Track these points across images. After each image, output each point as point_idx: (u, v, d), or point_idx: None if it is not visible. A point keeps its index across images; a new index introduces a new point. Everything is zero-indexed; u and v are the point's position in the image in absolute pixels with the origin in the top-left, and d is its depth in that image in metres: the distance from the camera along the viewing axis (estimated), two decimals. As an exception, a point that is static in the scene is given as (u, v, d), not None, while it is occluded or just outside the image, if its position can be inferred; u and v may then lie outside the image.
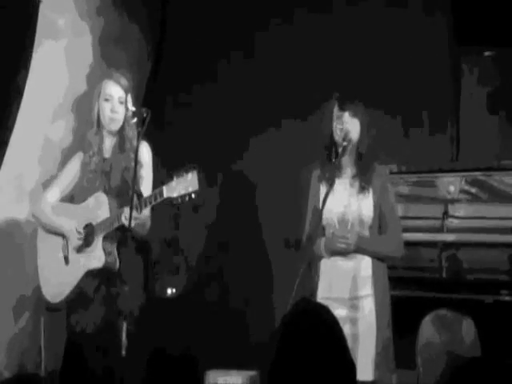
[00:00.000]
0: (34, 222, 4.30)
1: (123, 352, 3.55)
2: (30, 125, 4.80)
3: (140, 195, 3.81)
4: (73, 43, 5.08)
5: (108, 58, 5.28)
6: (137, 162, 3.83)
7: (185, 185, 3.69)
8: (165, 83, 5.85)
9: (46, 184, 4.42)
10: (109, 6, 5.33)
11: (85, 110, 5.02)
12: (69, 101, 5.08)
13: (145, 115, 3.84)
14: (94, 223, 4.00)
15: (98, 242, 3.97)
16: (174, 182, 3.71)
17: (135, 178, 3.84)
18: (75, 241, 4.04)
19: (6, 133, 4.68)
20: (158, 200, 3.77)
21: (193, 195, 3.71)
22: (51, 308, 4.25)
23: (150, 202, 3.80)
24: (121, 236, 3.90)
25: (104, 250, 3.94)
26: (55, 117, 5.01)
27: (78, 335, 3.97)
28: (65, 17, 5.01)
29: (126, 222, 3.79)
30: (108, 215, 3.94)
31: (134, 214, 3.78)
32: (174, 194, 3.71)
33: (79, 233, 4.03)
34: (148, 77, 5.74)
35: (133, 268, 3.99)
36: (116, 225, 3.87)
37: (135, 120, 3.92)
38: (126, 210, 3.79)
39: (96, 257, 3.95)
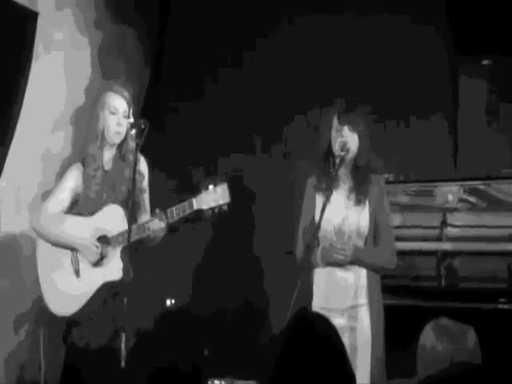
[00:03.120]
0: (33, 234, 4.26)
1: (122, 365, 3.53)
2: (29, 137, 4.79)
3: (163, 207, 3.83)
4: (71, 56, 5.09)
5: (106, 69, 5.30)
6: (135, 172, 3.84)
7: (215, 197, 3.73)
8: (163, 91, 5.86)
9: (45, 196, 4.40)
10: (106, 18, 5.36)
11: (84, 122, 5.05)
12: (68, 113, 5.09)
13: (143, 127, 3.85)
14: (108, 235, 3.97)
15: (116, 253, 3.93)
16: (204, 194, 3.74)
17: (134, 188, 3.84)
18: (91, 254, 3.98)
19: (5, 145, 4.68)
20: (187, 212, 3.79)
21: (223, 208, 3.73)
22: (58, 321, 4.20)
23: (178, 214, 3.81)
24: (134, 248, 3.86)
25: (122, 261, 3.90)
26: (54, 129, 5.01)
27: (80, 350, 3.95)
28: (63, 30, 5.02)
29: (154, 234, 3.84)
30: (125, 227, 3.89)
31: (162, 225, 3.82)
32: (204, 206, 3.74)
33: (96, 246, 3.97)
34: (147, 86, 5.76)
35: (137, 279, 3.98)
36: (139, 236, 3.85)
37: (134, 131, 3.94)
38: (153, 222, 3.82)
39: (115, 269, 3.90)
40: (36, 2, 4.76)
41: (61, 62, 5.02)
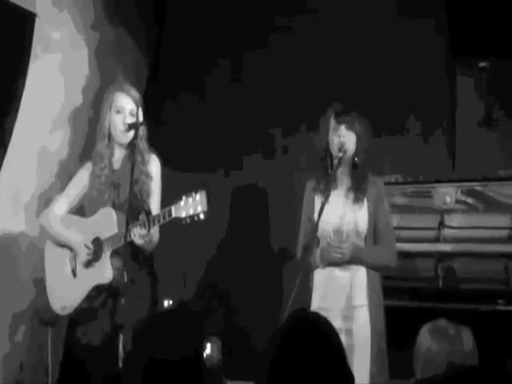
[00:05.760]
0: (30, 234, 4.26)
1: (120, 365, 3.53)
2: (26, 136, 4.79)
3: (148, 213, 3.80)
4: (69, 56, 5.09)
5: (104, 70, 5.30)
6: (133, 173, 3.83)
7: (193, 205, 3.68)
8: (161, 91, 5.87)
9: (43, 195, 4.40)
10: (104, 19, 5.36)
11: (82, 121, 5.06)
12: (65, 113, 5.09)
13: (140, 128, 3.87)
14: (101, 237, 3.97)
15: (107, 257, 3.93)
16: (183, 202, 3.70)
17: (132, 190, 3.83)
18: (83, 255, 4.00)
19: (3, 145, 4.68)
20: (167, 219, 3.75)
21: (201, 215, 3.71)
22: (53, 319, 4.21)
23: (159, 221, 3.78)
24: (129, 252, 3.85)
25: (112, 265, 3.91)
26: (52, 129, 5.01)
27: (81, 348, 3.95)
28: (61, 30, 5.02)
29: (135, 240, 3.81)
30: (116, 230, 3.91)
31: (143, 231, 3.79)
32: (183, 214, 3.69)
33: (88, 248, 3.99)
34: (145, 86, 5.76)
35: (139, 284, 3.97)
36: (124, 241, 3.81)
37: (132, 132, 3.94)
38: (136, 228, 3.80)
39: (105, 272, 3.92)
40: (34, 2, 4.77)
41: (58, 63, 5.02)
